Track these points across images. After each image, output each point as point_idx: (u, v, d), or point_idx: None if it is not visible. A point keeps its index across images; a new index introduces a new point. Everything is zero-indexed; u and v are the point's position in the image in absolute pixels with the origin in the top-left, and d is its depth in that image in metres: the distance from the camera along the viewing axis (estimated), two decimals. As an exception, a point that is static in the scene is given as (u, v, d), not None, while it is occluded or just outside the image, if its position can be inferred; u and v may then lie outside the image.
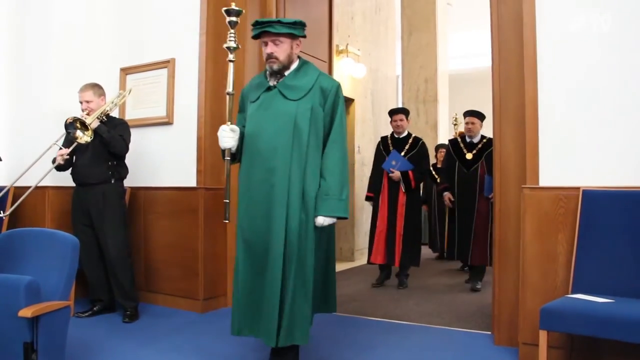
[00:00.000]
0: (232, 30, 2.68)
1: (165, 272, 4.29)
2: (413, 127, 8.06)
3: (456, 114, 7.47)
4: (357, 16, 7.65)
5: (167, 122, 4.36)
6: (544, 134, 2.97)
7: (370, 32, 8.00)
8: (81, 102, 3.84)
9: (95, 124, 3.63)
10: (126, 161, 3.98)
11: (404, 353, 3.14)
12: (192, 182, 4.20)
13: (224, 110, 3.05)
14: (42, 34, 4.41)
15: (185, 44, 4.29)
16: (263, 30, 2.64)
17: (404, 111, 5.50)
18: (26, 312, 2.23)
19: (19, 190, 3.83)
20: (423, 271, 6.07)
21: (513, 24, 3.18)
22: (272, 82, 2.71)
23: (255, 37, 2.70)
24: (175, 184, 4.27)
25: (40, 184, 4.06)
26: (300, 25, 2.69)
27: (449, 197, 5.30)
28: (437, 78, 8.12)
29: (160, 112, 4.40)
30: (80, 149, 3.77)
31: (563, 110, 2.93)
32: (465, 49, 10.65)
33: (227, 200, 2.81)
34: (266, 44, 2.66)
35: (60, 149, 3.70)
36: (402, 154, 5.27)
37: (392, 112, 5.50)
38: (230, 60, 2.70)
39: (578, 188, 2.83)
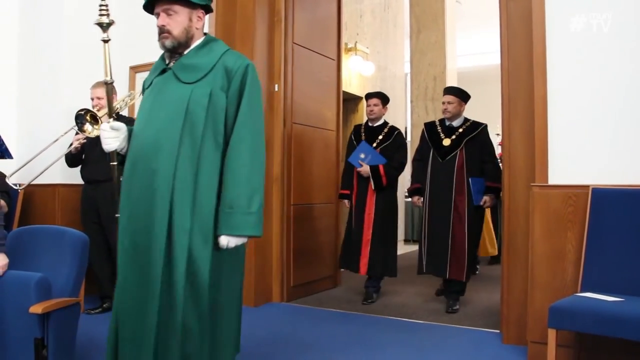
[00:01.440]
0: (103, 2, 2.16)
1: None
2: (421, 124, 8.04)
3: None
4: (365, 14, 7.64)
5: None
6: (553, 132, 2.95)
7: (378, 30, 7.99)
8: (92, 99, 3.87)
9: (105, 119, 3.65)
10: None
11: (412, 351, 3.14)
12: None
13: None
14: (53, 33, 4.43)
15: (194, 42, 4.29)
16: None
17: (380, 96, 4.67)
18: (37, 309, 2.25)
19: (29, 188, 3.85)
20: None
21: (522, 21, 3.16)
22: (170, 64, 2.19)
23: (146, 7, 2.19)
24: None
25: (51, 182, 4.11)
26: None
27: (418, 199, 4.46)
28: (446, 76, 8.08)
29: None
30: (89, 146, 3.80)
31: (572, 108, 2.92)
32: (474, 47, 10.60)
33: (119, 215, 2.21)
34: (158, 15, 2.13)
35: (77, 133, 3.72)
36: (374, 145, 4.50)
37: (367, 96, 4.71)
38: (104, 40, 2.19)
39: (587, 186, 2.81)
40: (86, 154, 3.88)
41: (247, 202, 2.00)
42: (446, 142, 4.26)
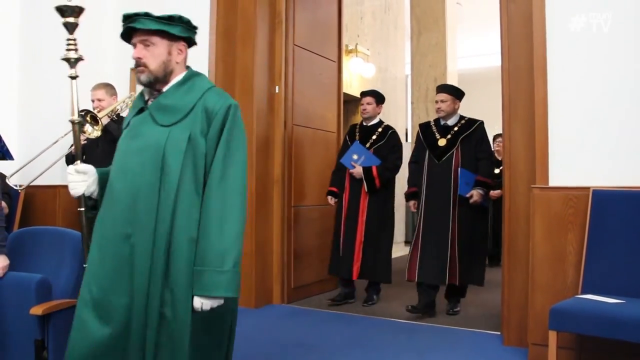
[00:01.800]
0: (71, 36, 2.01)
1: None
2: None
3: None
4: (366, 16, 7.65)
5: (177, 121, 4.36)
6: (553, 134, 2.96)
7: (379, 31, 8.00)
8: (93, 101, 3.87)
9: (105, 120, 3.65)
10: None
11: (412, 353, 3.14)
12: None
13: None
14: (54, 35, 4.41)
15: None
16: (129, 27, 1.93)
17: (374, 94, 4.50)
18: (37, 310, 2.25)
19: (30, 189, 3.85)
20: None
21: (523, 23, 3.16)
22: (149, 101, 1.99)
23: (124, 37, 2.00)
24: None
25: (51, 183, 4.11)
26: (180, 22, 1.95)
27: (414, 204, 4.30)
28: (447, 77, 8.09)
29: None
30: (89, 148, 3.80)
31: (573, 109, 2.92)
32: (474, 49, 10.61)
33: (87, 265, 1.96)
34: (135, 46, 1.94)
35: None
36: (368, 145, 4.38)
37: (361, 95, 4.58)
38: (72, 77, 2.03)
39: (588, 188, 2.81)
40: (87, 155, 3.87)
41: (219, 259, 1.77)
42: (442, 142, 4.07)
